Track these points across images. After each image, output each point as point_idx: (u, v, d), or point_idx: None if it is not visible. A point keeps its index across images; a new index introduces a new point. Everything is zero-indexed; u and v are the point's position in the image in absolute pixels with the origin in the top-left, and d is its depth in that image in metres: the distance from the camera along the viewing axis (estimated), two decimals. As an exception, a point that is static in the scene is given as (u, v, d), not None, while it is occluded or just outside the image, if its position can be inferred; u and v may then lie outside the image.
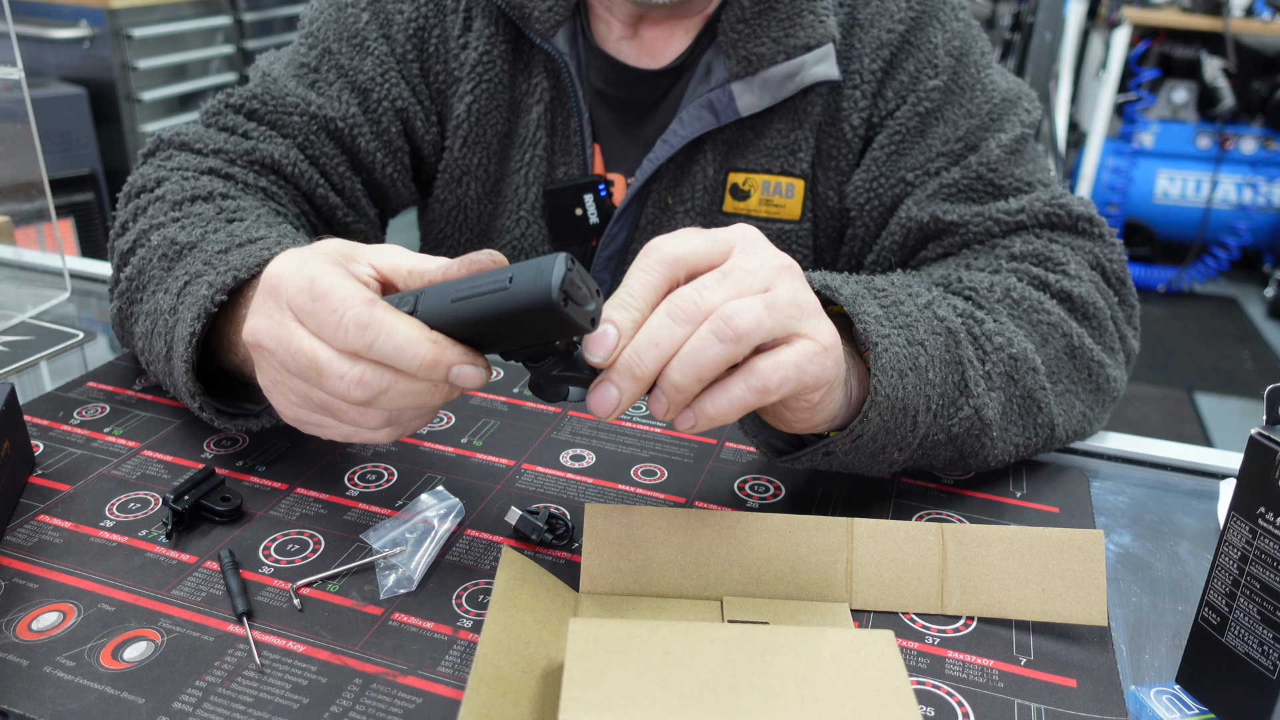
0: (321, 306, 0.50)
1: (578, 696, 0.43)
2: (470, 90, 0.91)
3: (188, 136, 0.85)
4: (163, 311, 0.69)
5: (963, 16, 0.90)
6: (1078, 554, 0.57)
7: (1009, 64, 3.13)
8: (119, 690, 0.51)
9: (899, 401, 0.61)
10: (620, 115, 0.94)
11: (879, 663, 0.47)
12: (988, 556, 0.59)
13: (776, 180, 0.91)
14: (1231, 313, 3.88)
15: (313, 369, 0.51)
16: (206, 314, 0.64)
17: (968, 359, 0.67)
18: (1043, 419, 0.72)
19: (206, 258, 0.68)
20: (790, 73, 0.86)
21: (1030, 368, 0.70)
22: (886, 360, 0.60)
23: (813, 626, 0.55)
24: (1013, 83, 0.89)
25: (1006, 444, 0.71)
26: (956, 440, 0.68)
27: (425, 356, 0.49)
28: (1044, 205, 0.82)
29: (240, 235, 0.70)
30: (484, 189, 0.96)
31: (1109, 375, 0.77)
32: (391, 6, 0.91)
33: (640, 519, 0.60)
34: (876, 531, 0.60)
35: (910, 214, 0.86)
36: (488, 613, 0.51)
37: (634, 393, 0.51)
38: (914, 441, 0.65)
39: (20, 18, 2.71)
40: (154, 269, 0.73)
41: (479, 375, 0.51)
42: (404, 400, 0.51)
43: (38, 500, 0.66)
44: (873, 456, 0.64)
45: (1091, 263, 0.80)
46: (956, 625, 0.59)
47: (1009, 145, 0.85)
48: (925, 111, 0.87)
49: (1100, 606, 0.57)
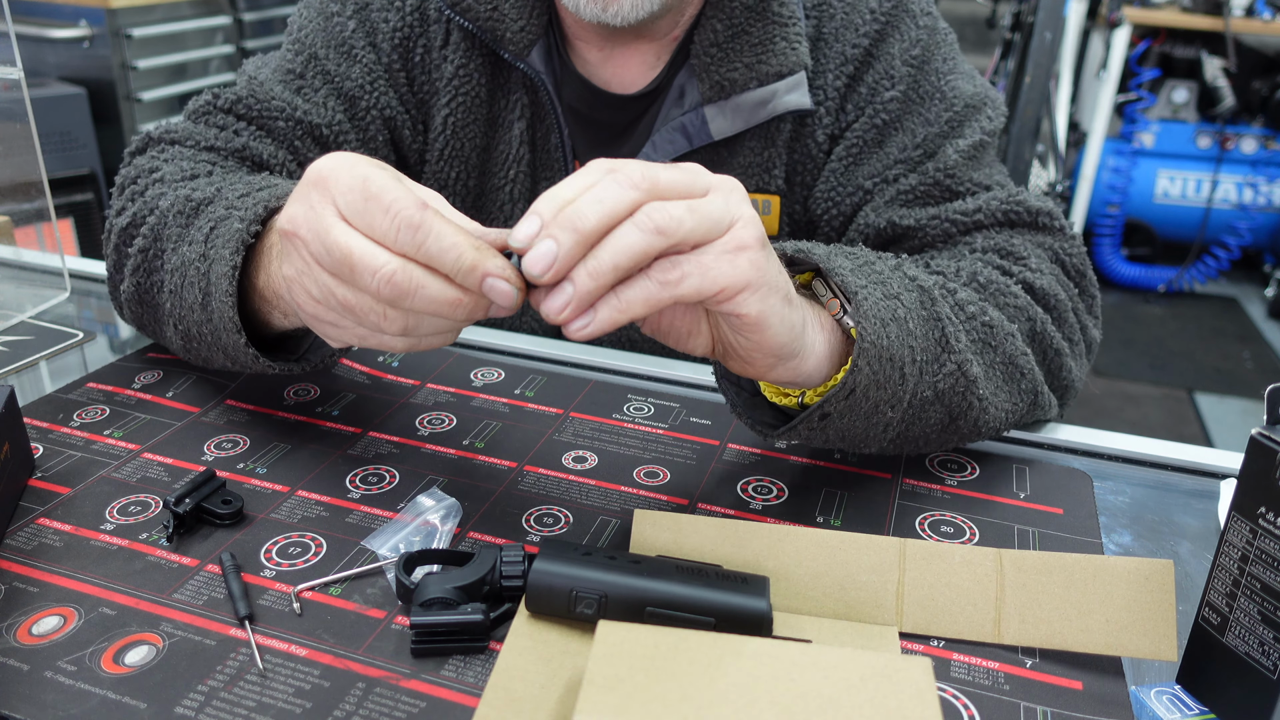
0: (374, 205, 0.50)
1: (595, 699, 0.43)
2: (447, 104, 0.91)
3: (179, 133, 0.85)
4: (192, 261, 0.69)
5: (925, 23, 0.89)
6: (1145, 584, 0.55)
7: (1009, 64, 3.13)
8: (120, 695, 0.51)
9: (885, 350, 0.60)
10: (595, 136, 0.94)
11: (910, 690, 0.45)
12: (1048, 585, 0.57)
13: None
14: (1232, 313, 3.88)
15: (346, 264, 0.51)
16: (244, 245, 0.64)
17: (945, 315, 0.67)
18: (1026, 384, 0.73)
19: (228, 203, 0.69)
20: (763, 100, 0.86)
21: (1008, 333, 0.71)
22: (868, 308, 0.60)
23: (851, 648, 0.54)
24: (979, 87, 0.89)
25: (997, 408, 0.71)
26: (944, 397, 0.67)
27: (467, 259, 0.50)
28: (1001, 204, 0.83)
29: (259, 183, 0.71)
30: (463, 204, 0.96)
31: (1066, 365, 0.78)
32: (377, 16, 0.91)
33: (689, 527, 0.60)
34: (930, 553, 0.58)
35: (868, 220, 0.87)
36: (508, 635, 0.53)
37: (572, 250, 0.49)
38: (904, 396, 0.64)
39: (20, 18, 2.71)
40: (170, 229, 0.73)
41: (510, 294, 0.51)
42: (429, 305, 0.51)
43: (38, 503, 0.66)
44: (867, 417, 0.64)
45: (1051, 257, 0.81)
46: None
47: (966, 151, 0.86)
48: (883, 123, 0.88)
49: (1170, 640, 0.54)
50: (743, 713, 0.43)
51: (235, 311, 0.65)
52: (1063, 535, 0.68)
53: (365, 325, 0.54)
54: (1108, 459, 0.80)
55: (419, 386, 0.84)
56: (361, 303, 0.52)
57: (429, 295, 0.51)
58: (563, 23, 0.91)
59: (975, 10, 3.63)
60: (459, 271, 0.50)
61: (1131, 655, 0.55)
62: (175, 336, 0.75)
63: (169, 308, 0.73)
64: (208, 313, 0.67)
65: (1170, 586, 0.55)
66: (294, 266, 0.55)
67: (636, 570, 0.54)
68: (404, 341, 0.55)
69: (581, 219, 0.49)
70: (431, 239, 0.50)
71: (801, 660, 0.47)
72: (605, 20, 0.81)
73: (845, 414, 0.62)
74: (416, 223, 0.50)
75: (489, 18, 0.87)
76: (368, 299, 0.52)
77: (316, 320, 0.56)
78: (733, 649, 0.47)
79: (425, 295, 0.51)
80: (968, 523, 0.69)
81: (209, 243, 0.67)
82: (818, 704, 0.44)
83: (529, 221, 0.50)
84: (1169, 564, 0.55)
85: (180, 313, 0.72)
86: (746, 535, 0.59)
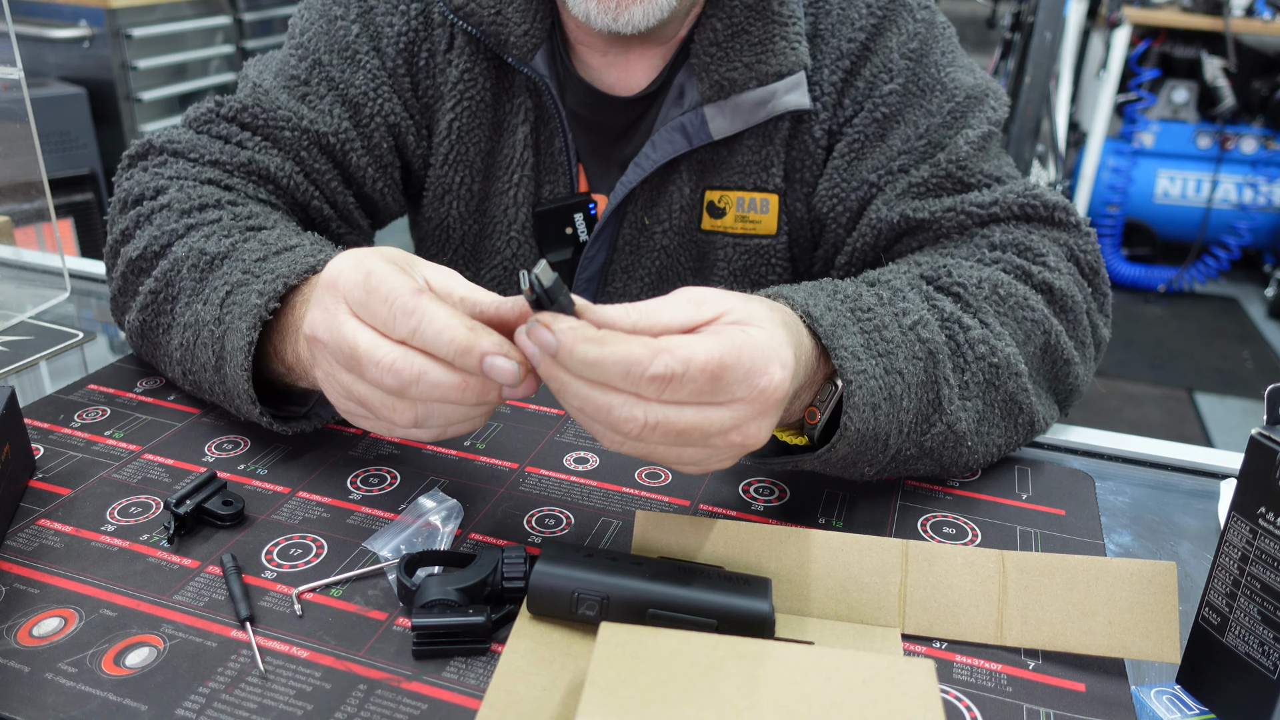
0: (374, 297, 0.52)
1: (597, 700, 0.43)
2: (451, 108, 0.91)
3: (181, 144, 0.84)
4: (206, 323, 0.70)
5: (922, 16, 0.89)
6: (1148, 586, 0.55)
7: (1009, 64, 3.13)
8: (121, 697, 0.51)
9: (870, 433, 0.62)
10: (597, 138, 0.94)
11: (913, 692, 0.45)
12: (1051, 586, 0.57)
13: (751, 196, 0.92)
14: (1232, 313, 3.88)
15: (354, 357, 0.52)
16: (261, 322, 0.65)
17: (943, 378, 0.67)
18: (1024, 418, 0.73)
19: (245, 266, 0.69)
20: (762, 99, 0.86)
21: (1013, 372, 0.71)
22: (860, 397, 0.60)
23: (854, 650, 0.53)
24: (980, 78, 0.89)
25: (987, 447, 0.72)
26: (931, 453, 0.68)
27: (460, 341, 0.50)
28: (1018, 197, 0.82)
29: (274, 243, 0.71)
30: (468, 208, 0.96)
31: (1075, 373, 0.78)
32: (382, 20, 0.90)
33: (690, 529, 0.59)
34: (932, 555, 0.58)
35: (880, 214, 0.86)
36: (510, 637, 0.52)
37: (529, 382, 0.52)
38: (885, 459, 0.66)
39: (20, 18, 2.71)
40: (184, 280, 0.73)
41: (511, 370, 0.50)
42: (434, 392, 0.51)
43: (38, 504, 0.66)
44: (844, 470, 0.66)
45: (1067, 254, 0.81)
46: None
47: (976, 142, 0.85)
48: (883, 117, 0.88)
49: (1173, 641, 0.55)
50: (745, 715, 0.43)
51: (250, 385, 0.66)
52: (1065, 536, 0.68)
53: (381, 418, 0.55)
54: (1108, 459, 0.80)
55: (420, 387, 0.84)
56: (372, 396, 0.53)
57: (432, 381, 0.51)
58: (565, 27, 0.91)
59: (975, 10, 3.63)
60: (455, 354, 0.50)
61: (1134, 657, 0.55)
62: (182, 380, 0.76)
63: (178, 356, 0.74)
64: (221, 375, 0.69)
65: (1173, 588, 0.55)
66: (321, 369, 0.57)
67: (638, 572, 0.54)
68: (424, 433, 0.55)
69: (591, 406, 0.51)
70: (425, 323, 0.50)
71: (804, 662, 0.47)
72: (617, 29, 0.81)
73: (821, 469, 0.65)
74: (410, 309, 0.50)
75: (492, 22, 0.86)
76: (377, 392, 0.53)
77: (350, 416, 0.58)
78: (735, 651, 0.47)
79: (428, 381, 0.51)
80: (970, 524, 0.69)
81: (224, 307, 0.69)
82: (820, 706, 0.44)
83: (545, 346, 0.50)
84: (1172, 565, 0.55)
85: (191, 365, 0.73)
86: (748, 537, 0.59)
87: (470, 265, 0.99)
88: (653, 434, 0.50)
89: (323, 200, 0.89)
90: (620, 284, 0.96)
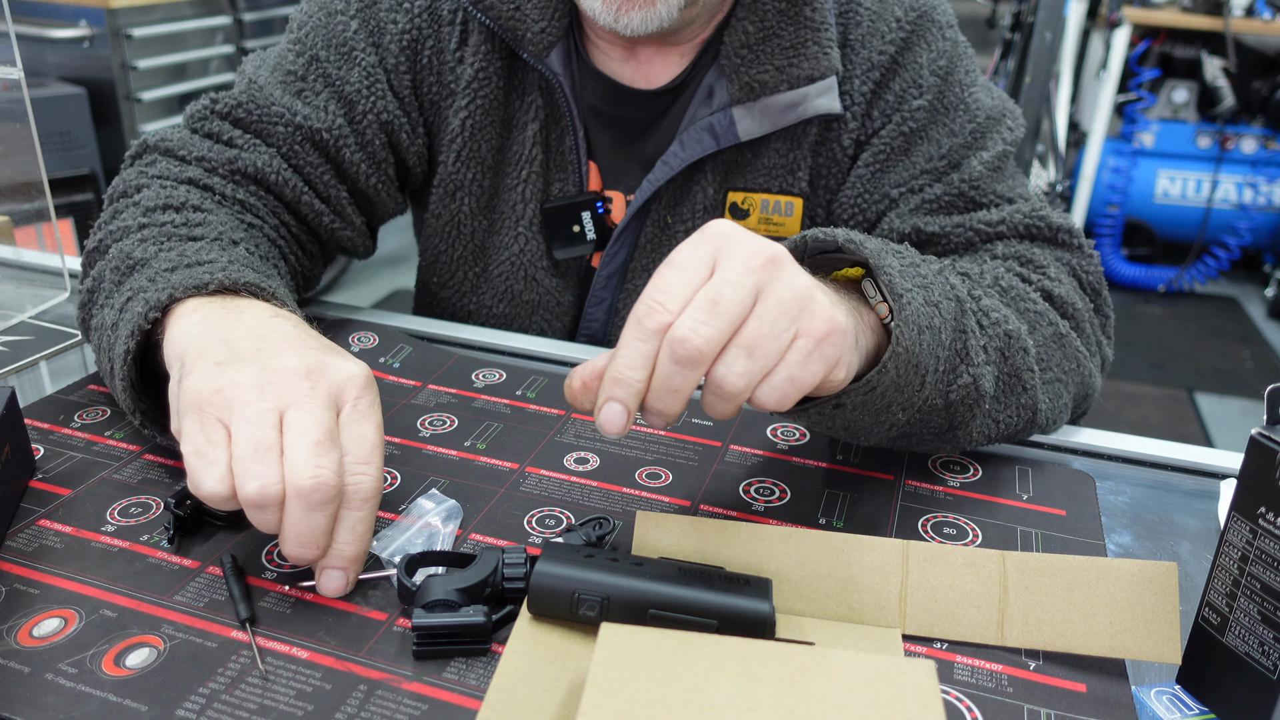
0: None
1: (598, 701, 0.43)
2: (465, 106, 0.91)
3: (172, 143, 0.85)
4: (106, 327, 0.70)
5: (950, 35, 0.90)
6: (1149, 586, 0.55)
7: (1009, 64, 3.13)
8: (121, 697, 0.50)
9: (915, 357, 0.60)
10: (617, 133, 0.94)
11: (914, 693, 0.45)
12: (1052, 587, 0.57)
13: (775, 199, 0.92)
14: (1232, 313, 3.88)
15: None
16: (140, 331, 0.65)
17: (970, 328, 0.67)
18: (1026, 400, 0.73)
19: (152, 274, 0.69)
20: (793, 103, 0.87)
21: (1021, 347, 0.71)
22: (910, 313, 0.60)
23: (855, 651, 0.53)
24: (997, 99, 0.91)
25: (996, 422, 0.72)
26: (951, 407, 0.68)
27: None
28: (1024, 217, 0.84)
29: (190, 256, 0.71)
30: (478, 204, 0.96)
31: (1089, 369, 0.78)
32: (385, 16, 0.90)
33: (691, 529, 0.59)
34: (933, 555, 0.58)
35: (893, 226, 0.88)
36: (510, 638, 0.52)
37: (630, 403, 0.53)
38: (917, 402, 0.65)
39: (20, 18, 2.71)
40: (106, 283, 0.73)
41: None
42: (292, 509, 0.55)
43: (38, 505, 0.66)
44: (878, 414, 0.63)
45: (1069, 271, 0.83)
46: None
47: (991, 163, 0.87)
48: (910, 131, 0.89)
49: (1174, 642, 0.54)
50: (746, 716, 0.43)
51: (130, 396, 0.67)
52: (1066, 537, 0.68)
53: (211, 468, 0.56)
54: (1108, 459, 0.81)
55: (420, 388, 0.84)
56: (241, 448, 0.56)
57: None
58: (584, 23, 0.91)
59: (975, 10, 3.63)
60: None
61: (1135, 657, 0.55)
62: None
63: (96, 357, 0.75)
64: (113, 384, 0.69)
65: (1174, 589, 0.55)
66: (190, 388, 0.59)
67: (639, 572, 0.54)
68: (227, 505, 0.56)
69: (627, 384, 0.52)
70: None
71: (804, 663, 0.46)
72: (616, 30, 0.82)
73: (859, 407, 0.62)
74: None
75: (511, 16, 0.87)
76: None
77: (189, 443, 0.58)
78: (736, 651, 0.47)
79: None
80: (971, 524, 0.69)
81: (122, 312, 0.68)
82: (821, 707, 0.44)
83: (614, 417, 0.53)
84: (1173, 566, 0.55)
85: (101, 370, 0.73)
86: (749, 537, 0.59)
87: (479, 261, 0.99)
88: (709, 317, 0.51)
89: (314, 196, 0.89)
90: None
